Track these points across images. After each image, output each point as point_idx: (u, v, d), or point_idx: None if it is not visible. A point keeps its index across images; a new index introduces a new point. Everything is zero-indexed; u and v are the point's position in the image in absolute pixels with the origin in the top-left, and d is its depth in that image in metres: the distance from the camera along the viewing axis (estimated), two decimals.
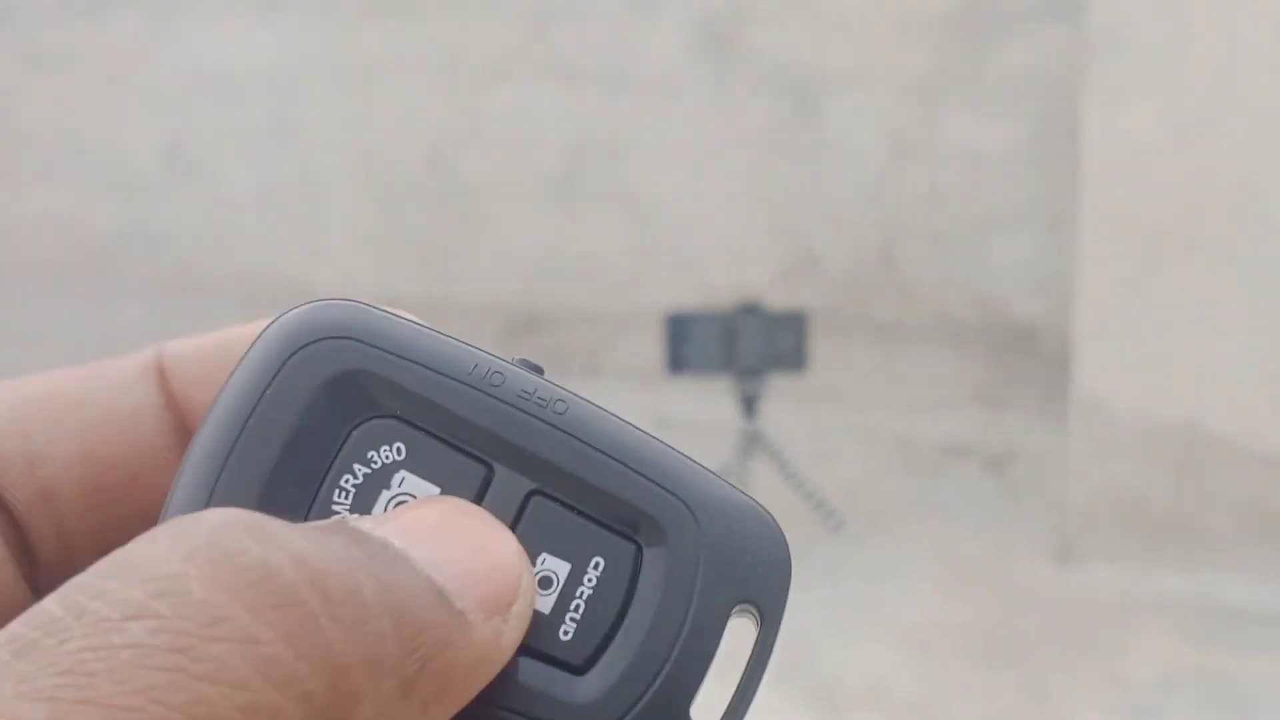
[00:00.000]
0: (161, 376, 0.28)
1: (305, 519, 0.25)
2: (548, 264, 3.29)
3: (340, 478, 0.25)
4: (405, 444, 0.25)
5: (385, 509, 0.25)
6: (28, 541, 0.26)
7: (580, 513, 0.26)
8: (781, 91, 3.06)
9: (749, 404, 2.78)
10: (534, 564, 0.25)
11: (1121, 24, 2.51)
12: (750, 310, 2.72)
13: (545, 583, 0.25)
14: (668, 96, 3.13)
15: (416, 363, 0.26)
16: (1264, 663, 2.56)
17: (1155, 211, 2.58)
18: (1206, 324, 2.61)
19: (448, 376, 0.26)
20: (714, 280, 3.21)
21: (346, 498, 0.25)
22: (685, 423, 3.26)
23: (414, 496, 0.25)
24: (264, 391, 0.25)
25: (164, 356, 0.29)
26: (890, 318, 3.14)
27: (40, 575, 0.26)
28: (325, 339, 0.26)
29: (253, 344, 0.26)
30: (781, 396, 2.98)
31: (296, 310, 0.27)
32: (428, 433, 0.25)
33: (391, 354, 0.26)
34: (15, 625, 0.19)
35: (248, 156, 3.43)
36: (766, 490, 2.93)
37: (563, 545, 0.26)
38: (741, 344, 2.73)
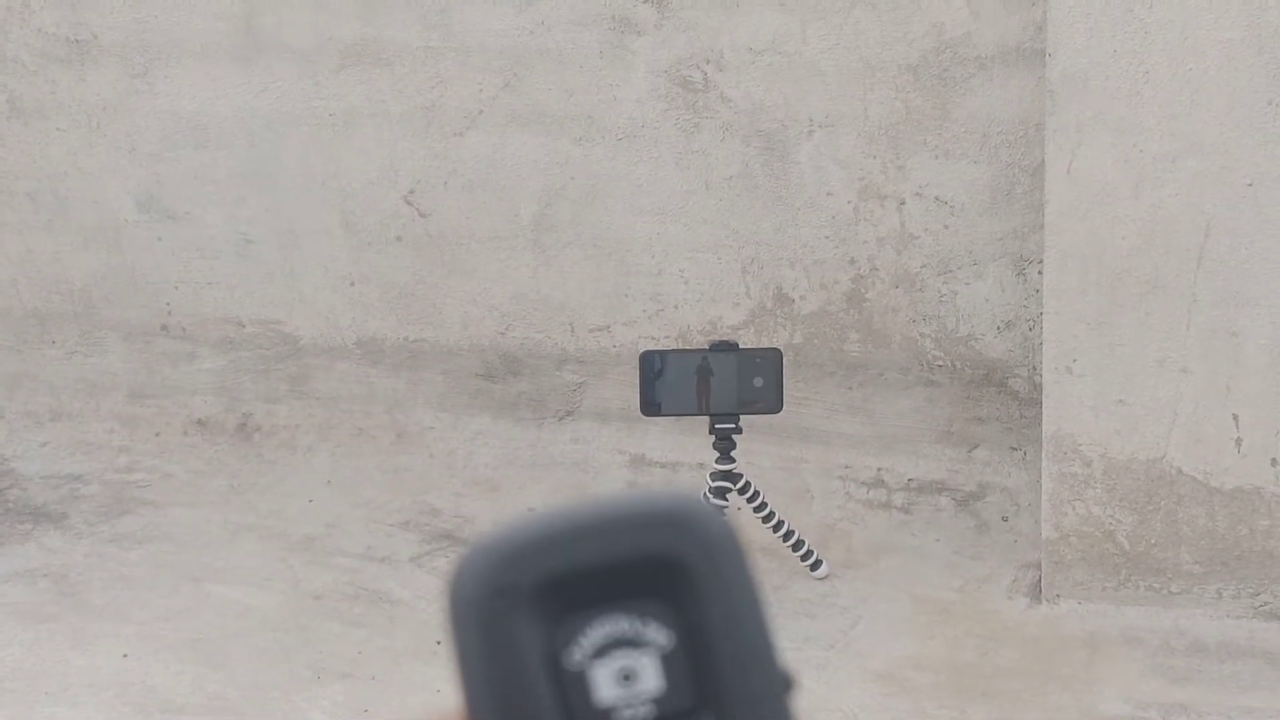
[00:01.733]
0: None
1: None
2: (523, 308, 3.32)
3: None
4: None
5: None
6: None
7: None
8: (751, 136, 3.10)
9: (724, 444, 2.80)
10: None
11: (1082, 69, 2.56)
12: (725, 350, 2.75)
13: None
14: (640, 142, 3.17)
15: None
16: (1232, 696, 2.59)
17: (1118, 252, 2.62)
18: (1169, 361, 2.65)
19: None
20: (688, 321, 3.25)
21: None
22: (661, 463, 3.29)
23: None
24: None
25: None
26: (860, 357, 3.18)
27: None
28: None
29: None
30: (755, 437, 3.01)
31: None
32: None
33: None
34: None
35: (225, 203, 3.46)
36: (744, 529, 2.95)
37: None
38: (716, 384, 2.76)
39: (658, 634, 0.27)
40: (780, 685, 0.29)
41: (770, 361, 2.76)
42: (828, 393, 3.21)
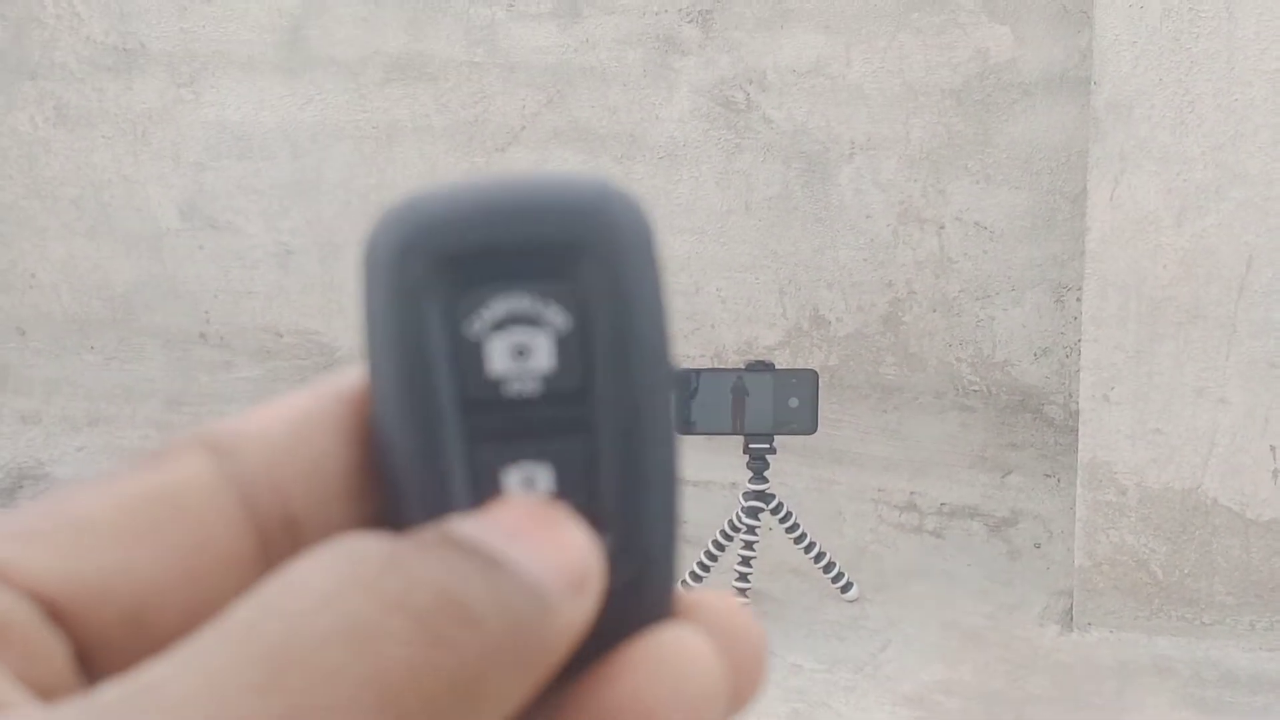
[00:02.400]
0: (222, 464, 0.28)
1: None
2: None
3: None
4: None
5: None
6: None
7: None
8: (792, 158, 3.11)
9: (757, 464, 2.81)
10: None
11: (1127, 97, 2.56)
12: (761, 370, 2.76)
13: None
14: (680, 161, 3.18)
15: None
16: None
17: (1158, 281, 2.62)
18: (1208, 391, 2.64)
19: None
20: (724, 340, 3.25)
21: None
22: (694, 482, 3.30)
23: None
24: None
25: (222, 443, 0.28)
26: (896, 381, 3.18)
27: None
28: None
29: None
30: (788, 457, 3.01)
31: None
32: None
33: None
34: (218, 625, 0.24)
35: (267, 213, 3.48)
36: (775, 551, 2.96)
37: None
38: (751, 404, 2.76)
39: (556, 315, 0.28)
40: (665, 377, 0.29)
41: (806, 382, 2.76)
42: (862, 415, 3.21)
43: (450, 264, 0.28)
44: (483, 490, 0.28)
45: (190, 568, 0.26)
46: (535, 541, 0.26)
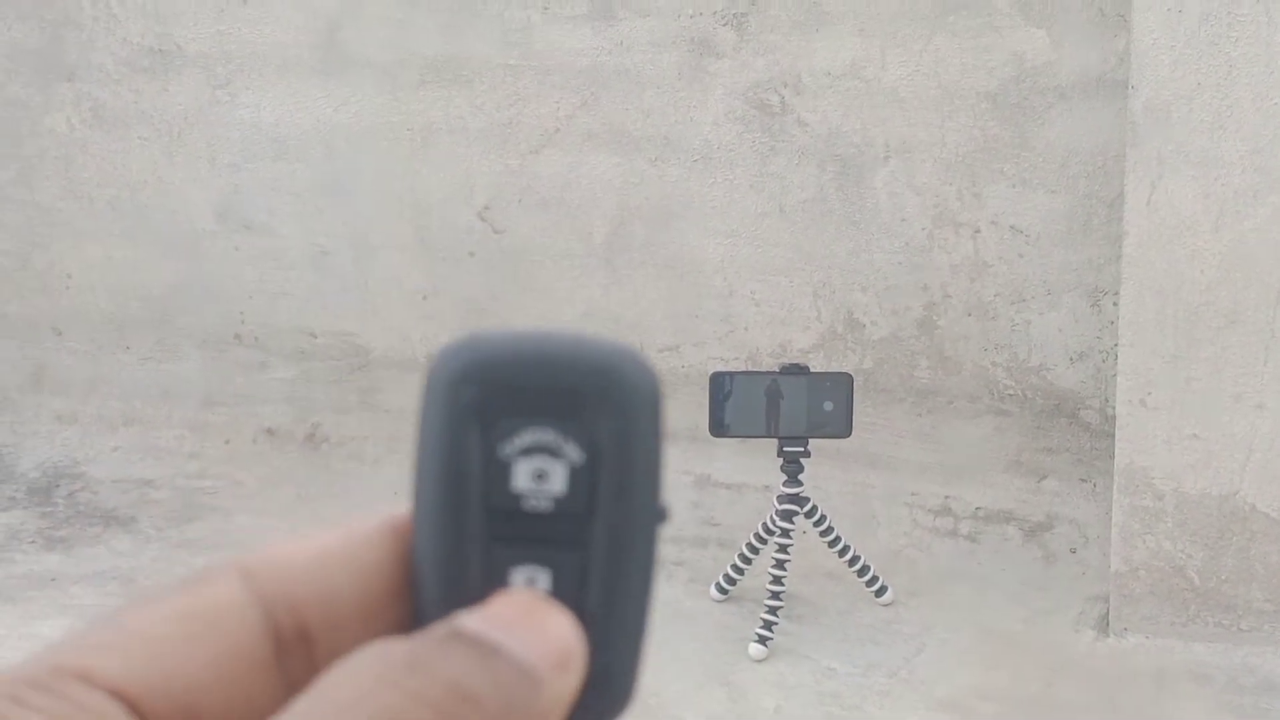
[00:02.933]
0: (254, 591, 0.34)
1: None
2: (593, 326, 3.34)
3: None
4: None
5: None
6: None
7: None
8: (827, 161, 3.11)
9: (792, 467, 2.80)
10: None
11: (1164, 101, 2.55)
12: (795, 373, 2.75)
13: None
14: (715, 163, 3.18)
15: None
16: None
17: (1196, 285, 2.61)
18: (1245, 397, 2.63)
19: None
20: (758, 343, 3.25)
21: None
22: (727, 484, 3.30)
23: None
24: None
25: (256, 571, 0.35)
26: (931, 384, 3.17)
27: None
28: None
29: None
30: (823, 461, 3.01)
31: None
32: None
33: None
34: None
35: (302, 214, 3.50)
36: (809, 554, 2.96)
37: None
38: (786, 407, 2.76)
39: (572, 450, 0.35)
40: (655, 513, 0.36)
41: (841, 386, 2.76)
42: (897, 419, 3.21)
43: (493, 396, 0.35)
44: (493, 582, 0.35)
45: (225, 670, 0.33)
46: (527, 629, 0.33)
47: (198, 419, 3.68)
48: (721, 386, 2.76)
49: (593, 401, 0.35)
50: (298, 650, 0.34)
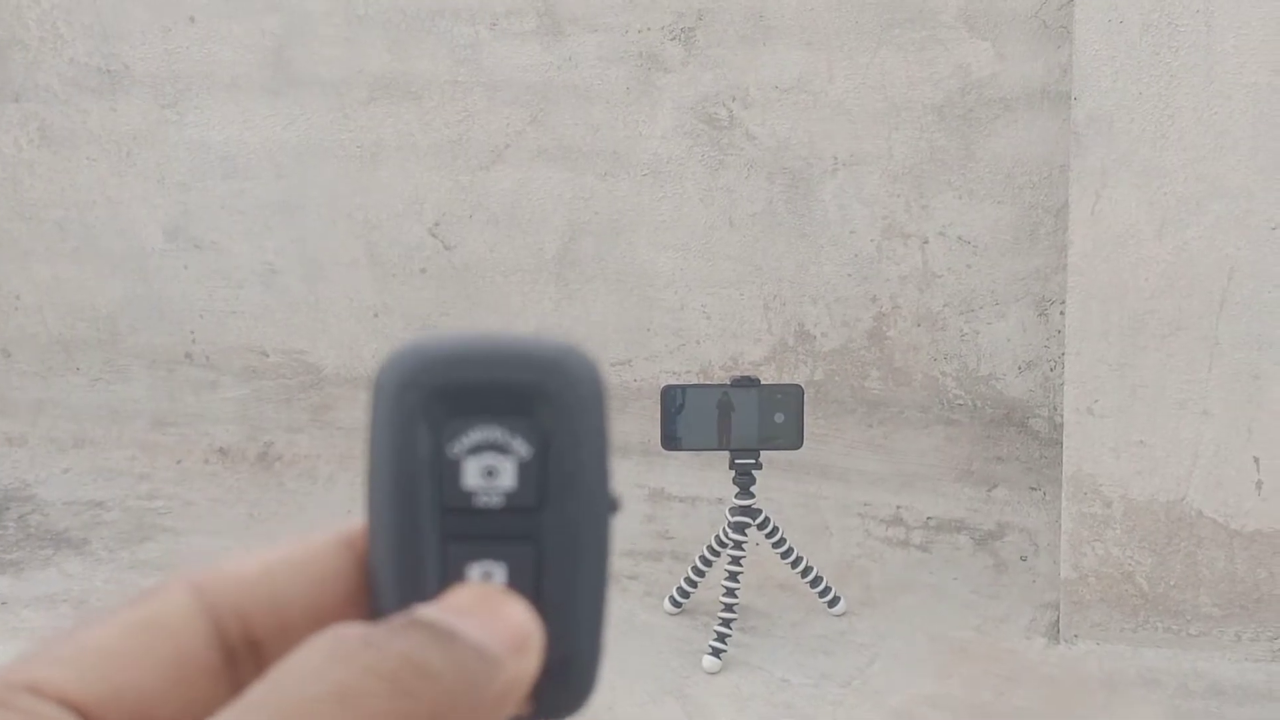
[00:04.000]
0: (203, 605, 0.35)
1: None
2: None
3: None
4: None
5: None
6: None
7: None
8: (775, 174, 3.12)
9: (744, 479, 2.81)
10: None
11: (1107, 112, 2.58)
12: (746, 385, 2.76)
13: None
14: (664, 177, 3.19)
15: None
16: None
17: (1141, 294, 2.63)
18: (1190, 404, 2.65)
19: None
20: (709, 356, 3.26)
21: None
22: (680, 497, 3.30)
23: None
24: None
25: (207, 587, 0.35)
26: (881, 395, 3.19)
27: None
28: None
29: None
30: (774, 472, 3.02)
31: None
32: None
33: None
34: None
35: (252, 233, 3.49)
36: (762, 566, 2.96)
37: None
38: (737, 419, 2.77)
39: (520, 446, 0.36)
40: (606, 503, 0.37)
41: (791, 398, 2.77)
42: (848, 430, 3.22)
43: (440, 397, 0.36)
44: (448, 580, 0.36)
45: (174, 678, 0.34)
46: (483, 616, 0.34)
47: (148, 439, 3.66)
48: (673, 400, 2.77)
49: (538, 397, 0.36)
50: (248, 659, 0.35)
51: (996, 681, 2.73)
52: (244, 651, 0.35)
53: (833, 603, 2.93)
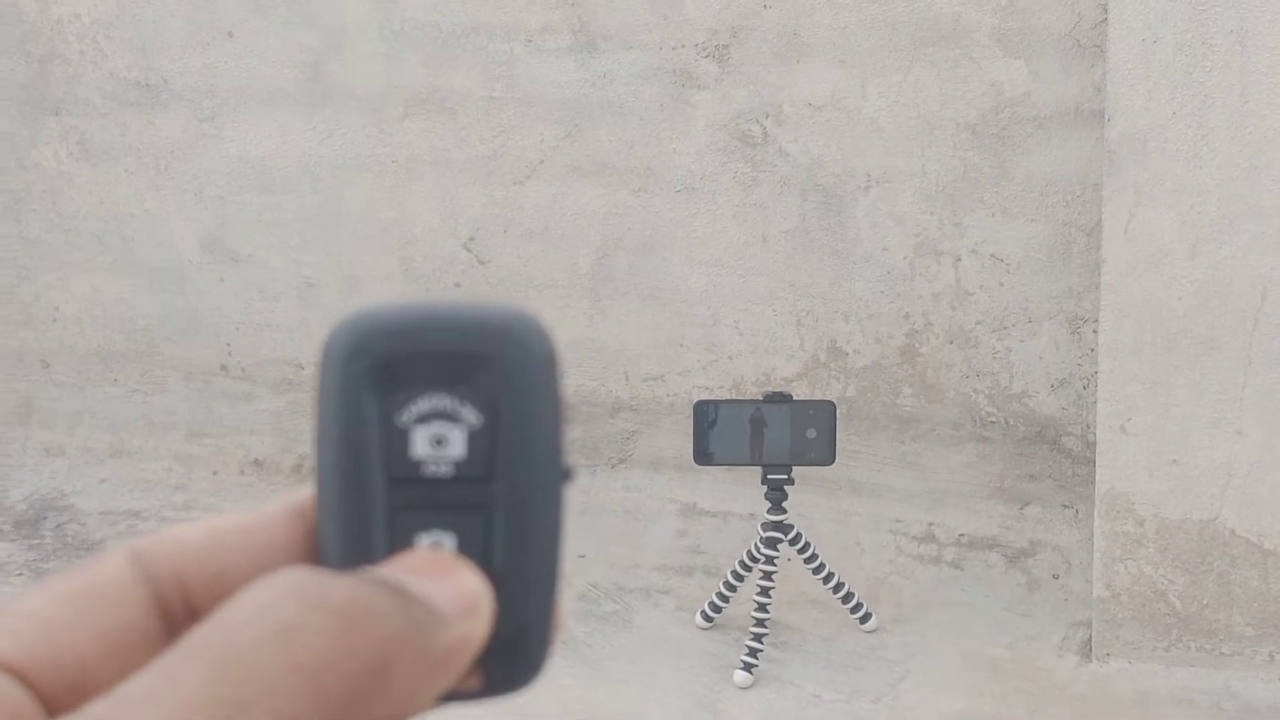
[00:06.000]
0: (145, 576, 0.35)
1: None
2: (578, 355, 3.36)
3: None
4: None
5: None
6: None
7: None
8: (809, 191, 3.13)
9: (776, 495, 2.82)
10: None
11: (1141, 131, 2.58)
12: (779, 401, 2.77)
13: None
14: (698, 194, 3.20)
15: None
16: None
17: (1174, 312, 2.63)
18: (1224, 422, 2.65)
19: None
20: (742, 372, 3.27)
21: None
22: (712, 512, 3.31)
23: None
24: None
25: (145, 555, 0.35)
26: (913, 412, 3.19)
27: None
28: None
29: None
30: (807, 488, 3.02)
31: None
32: None
33: None
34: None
35: (288, 246, 3.51)
36: (794, 581, 2.97)
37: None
38: (770, 435, 2.77)
39: (470, 414, 0.35)
40: (558, 472, 0.36)
41: (824, 414, 2.77)
42: (880, 446, 3.23)
43: (387, 366, 0.35)
44: (397, 550, 0.35)
45: (112, 643, 0.34)
46: (434, 577, 0.34)
47: (185, 450, 3.69)
48: (706, 415, 2.78)
49: (487, 365, 0.35)
50: (188, 625, 0.34)
51: (1028, 699, 2.73)
52: (185, 618, 0.35)
53: (864, 619, 2.94)
